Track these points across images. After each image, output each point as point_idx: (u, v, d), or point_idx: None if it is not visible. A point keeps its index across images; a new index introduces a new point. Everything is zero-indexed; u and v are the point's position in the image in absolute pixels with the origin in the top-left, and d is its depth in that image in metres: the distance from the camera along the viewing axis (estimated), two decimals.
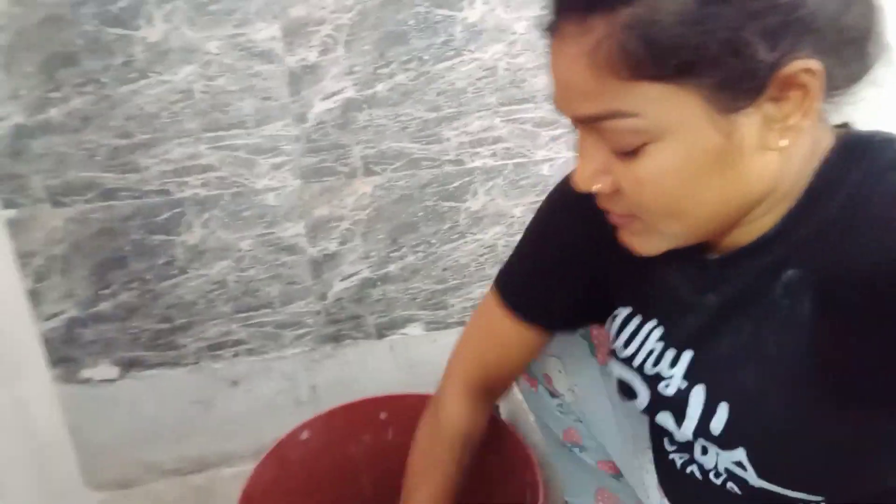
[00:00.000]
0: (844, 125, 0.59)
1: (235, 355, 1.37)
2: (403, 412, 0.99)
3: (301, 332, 1.38)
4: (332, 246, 1.33)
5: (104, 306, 1.27)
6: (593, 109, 0.52)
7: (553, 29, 0.53)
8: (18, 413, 0.65)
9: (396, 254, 1.36)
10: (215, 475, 1.43)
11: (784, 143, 0.51)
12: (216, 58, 1.15)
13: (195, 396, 1.38)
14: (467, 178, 1.34)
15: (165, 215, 1.23)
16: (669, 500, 0.81)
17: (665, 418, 0.69)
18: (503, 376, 0.87)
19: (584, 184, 0.58)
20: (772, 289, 0.57)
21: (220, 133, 1.19)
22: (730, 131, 0.50)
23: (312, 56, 1.19)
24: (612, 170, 0.56)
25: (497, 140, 1.32)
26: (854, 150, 0.56)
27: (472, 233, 1.38)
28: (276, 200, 1.26)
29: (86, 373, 1.30)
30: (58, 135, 1.14)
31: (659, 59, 0.48)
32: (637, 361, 0.70)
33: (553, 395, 0.97)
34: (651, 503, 0.84)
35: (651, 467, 0.84)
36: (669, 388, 0.67)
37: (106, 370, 1.33)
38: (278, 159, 1.23)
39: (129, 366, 1.33)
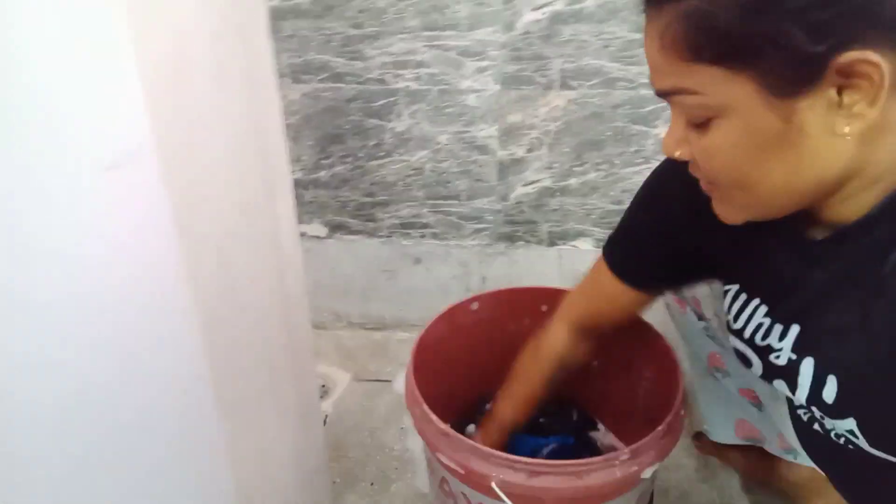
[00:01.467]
0: None
1: (422, 236, 1.54)
2: None
3: (480, 226, 1.51)
4: (520, 152, 1.42)
5: (322, 174, 1.50)
6: (665, 85, 0.59)
7: (644, 10, 0.60)
8: (277, 254, 0.85)
9: (579, 168, 1.43)
10: (390, 335, 1.65)
11: (847, 129, 0.53)
12: None
13: (384, 265, 1.59)
14: (661, 105, 1.34)
15: (381, 102, 1.40)
16: (803, 446, 0.84)
17: (780, 385, 0.72)
18: (607, 323, 0.98)
19: (666, 150, 0.65)
20: (881, 267, 0.58)
21: (437, 33, 1.31)
22: (788, 115, 0.53)
23: None
24: (689, 139, 0.62)
25: None
26: None
27: (656, 159, 1.40)
28: (475, 102, 1.37)
29: (302, 227, 1.55)
30: (304, 19, 1.33)
31: (711, 45, 0.53)
32: (747, 334, 0.75)
33: (700, 318, 1.01)
34: (789, 434, 0.87)
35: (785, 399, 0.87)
36: (780, 359, 0.70)
37: (317, 228, 1.57)
38: (483, 63, 1.33)
39: (335, 228, 1.56)
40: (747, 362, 0.77)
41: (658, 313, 1.07)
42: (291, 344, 0.91)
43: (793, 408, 0.84)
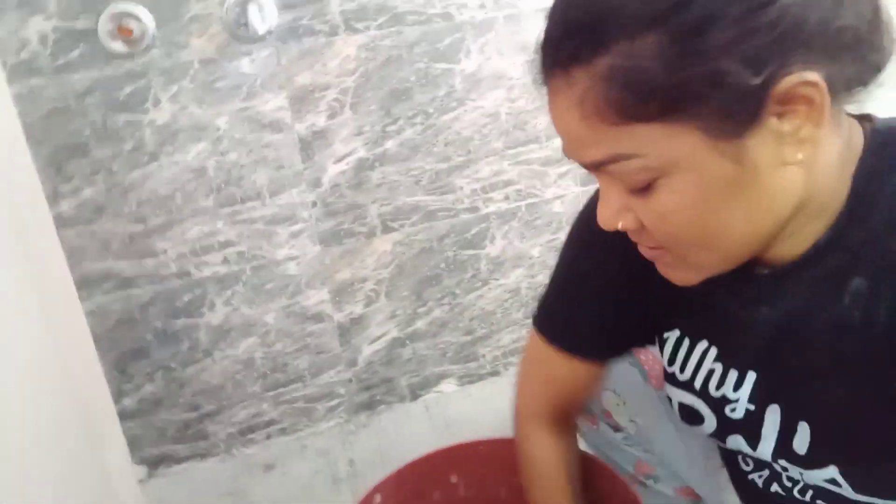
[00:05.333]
0: (867, 117, 0.58)
1: (268, 437, 1.31)
2: (472, 466, 0.95)
3: (334, 403, 1.33)
4: (358, 309, 1.30)
5: (127, 402, 1.22)
6: (595, 156, 0.53)
7: (545, 83, 0.55)
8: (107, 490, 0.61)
9: (423, 309, 1.34)
10: None
11: (800, 155, 0.51)
12: (226, 133, 1.15)
13: (228, 487, 1.31)
14: (484, 225, 1.34)
15: (186, 298, 1.20)
16: None
17: (736, 441, 0.66)
18: (574, 403, 0.84)
19: (606, 224, 0.58)
20: (839, 299, 0.56)
21: (237, 207, 1.18)
22: (739, 155, 0.50)
23: (321, 121, 1.20)
24: (631, 207, 0.56)
25: (508, 183, 1.33)
26: (888, 143, 0.55)
27: (494, 279, 1.37)
28: (297, 269, 1.24)
29: None
30: (71, 228, 1.12)
31: (643, 102, 0.48)
32: (698, 384, 0.68)
33: (616, 429, 0.94)
34: None
35: (730, 486, 0.81)
36: (737, 412, 0.64)
37: (134, 470, 1.26)
38: (296, 227, 1.22)
39: (156, 463, 1.26)
40: (697, 418, 0.69)
41: None
42: None
43: (741, 476, 0.77)
